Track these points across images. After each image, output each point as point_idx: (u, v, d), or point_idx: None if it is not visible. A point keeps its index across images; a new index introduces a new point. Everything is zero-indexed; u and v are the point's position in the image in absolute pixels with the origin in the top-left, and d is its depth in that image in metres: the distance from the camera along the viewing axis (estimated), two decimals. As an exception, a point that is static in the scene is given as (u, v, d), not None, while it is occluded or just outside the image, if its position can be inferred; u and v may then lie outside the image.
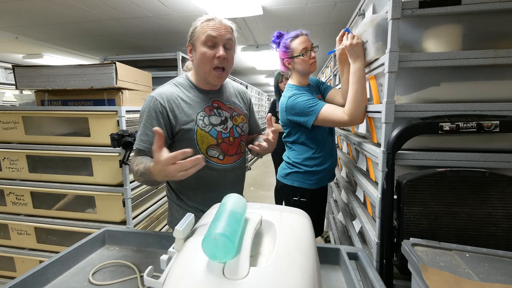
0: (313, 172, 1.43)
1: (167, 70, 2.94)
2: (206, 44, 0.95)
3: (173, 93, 1.00)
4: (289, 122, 1.42)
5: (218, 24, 0.96)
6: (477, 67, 0.94)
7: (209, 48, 0.95)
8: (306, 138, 1.42)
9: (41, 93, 1.80)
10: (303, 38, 1.36)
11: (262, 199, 4.18)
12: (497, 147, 0.97)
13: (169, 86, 1.03)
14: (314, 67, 1.39)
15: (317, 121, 1.29)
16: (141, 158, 0.93)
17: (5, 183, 1.82)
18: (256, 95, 7.52)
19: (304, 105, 1.30)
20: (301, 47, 1.35)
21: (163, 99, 0.97)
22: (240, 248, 0.47)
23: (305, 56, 1.35)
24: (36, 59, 5.06)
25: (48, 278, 0.72)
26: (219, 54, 0.94)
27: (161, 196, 2.25)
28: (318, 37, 3.92)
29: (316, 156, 1.43)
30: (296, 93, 1.36)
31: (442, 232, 0.87)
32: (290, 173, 1.47)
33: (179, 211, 1.10)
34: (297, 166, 1.45)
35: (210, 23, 0.96)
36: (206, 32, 0.94)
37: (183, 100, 1.01)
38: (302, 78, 1.45)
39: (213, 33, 0.94)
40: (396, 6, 0.91)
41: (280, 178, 1.53)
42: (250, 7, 2.60)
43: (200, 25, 0.97)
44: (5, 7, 2.77)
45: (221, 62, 0.96)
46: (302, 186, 1.44)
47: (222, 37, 0.95)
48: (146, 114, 0.96)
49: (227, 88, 1.14)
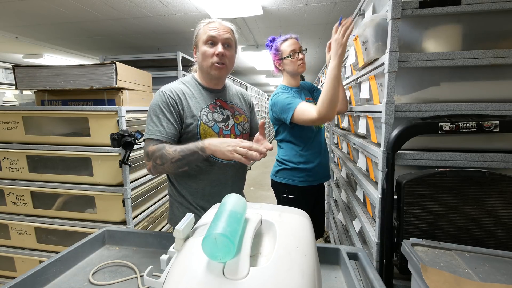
0: (300, 169, 1.48)
1: (167, 70, 2.93)
2: (207, 43, 1.04)
3: (181, 89, 1.06)
4: (275, 120, 1.49)
5: (218, 25, 1.05)
6: (477, 67, 0.94)
7: (209, 47, 1.04)
8: (292, 136, 1.49)
9: (41, 93, 1.80)
10: (292, 41, 1.47)
11: (262, 199, 4.18)
12: (497, 147, 0.97)
13: (176, 83, 1.09)
14: (302, 68, 1.48)
15: (293, 118, 1.34)
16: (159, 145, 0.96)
17: (5, 183, 1.82)
18: (256, 95, 7.53)
19: (283, 102, 1.38)
20: (289, 49, 1.45)
21: (172, 93, 1.03)
22: (240, 248, 0.46)
23: (293, 58, 1.45)
24: (36, 59, 5.06)
25: (48, 278, 0.72)
26: (217, 51, 1.02)
27: (161, 196, 2.25)
28: (318, 37, 3.92)
29: (302, 154, 1.49)
30: (280, 92, 1.44)
31: (442, 232, 0.87)
32: (279, 170, 1.54)
33: (180, 209, 1.12)
34: (284, 163, 1.52)
35: (211, 25, 1.05)
36: (207, 33, 1.03)
37: (189, 96, 1.07)
38: (292, 79, 1.54)
39: (213, 33, 1.03)
40: (396, 6, 0.91)
41: (271, 176, 1.61)
42: (250, 7, 2.60)
43: (202, 28, 1.06)
44: (5, 7, 2.77)
45: (220, 58, 1.03)
46: (289, 182, 1.50)
47: (221, 36, 1.03)
48: (159, 107, 1.01)
49: (229, 90, 1.20)
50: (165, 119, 0.99)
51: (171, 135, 0.99)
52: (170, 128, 0.99)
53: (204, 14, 2.83)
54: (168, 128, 0.99)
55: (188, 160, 0.94)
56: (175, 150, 0.94)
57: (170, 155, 0.93)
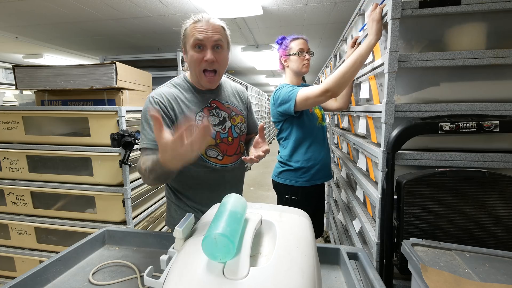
0: (303, 169, 1.48)
1: (167, 70, 2.94)
2: (194, 47, 0.94)
3: (172, 94, 1.00)
4: (279, 115, 1.49)
5: (206, 25, 0.94)
6: (477, 67, 0.94)
7: (197, 52, 0.94)
8: (297, 131, 1.49)
9: (41, 93, 1.80)
10: (302, 41, 1.51)
11: (262, 199, 4.18)
12: (497, 147, 0.97)
13: (167, 87, 1.03)
14: (306, 68, 1.51)
15: (297, 103, 1.34)
16: (146, 156, 0.90)
17: (5, 183, 1.82)
18: (256, 95, 7.53)
19: (285, 92, 1.40)
20: (298, 47, 1.49)
21: (163, 99, 0.97)
22: (240, 248, 0.47)
23: (300, 56, 1.48)
24: (36, 59, 5.06)
25: (48, 278, 0.72)
26: (206, 58, 0.93)
27: (161, 196, 2.26)
28: (318, 37, 3.92)
29: (307, 151, 1.48)
30: (282, 87, 1.45)
31: (442, 232, 0.87)
32: (282, 172, 1.53)
33: (177, 211, 1.10)
34: (288, 164, 1.51)
35: (197, 25, 0.94)
36: (194, 36, 0.93)
37: (182, 102, 1.01)
38: (294, 78, 1.55)
39: (200, 36, 0.92)
40: (396, 6, 0.91)
41: (273, 177, 1.59)
42: (250, 7, 2.60)
43: (189, 27, 0.96)
44: (5, 7, 2.77)
45: (209, 65, 0.95)
46: (293, 184, 1.49)
47: (209, 39, 0.93)
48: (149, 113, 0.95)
49: (225, 88, 1.14)
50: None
51: None
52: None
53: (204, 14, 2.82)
54: None
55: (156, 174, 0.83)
56: (146, 168, 0.85)
57: (143, 172, 0.87)
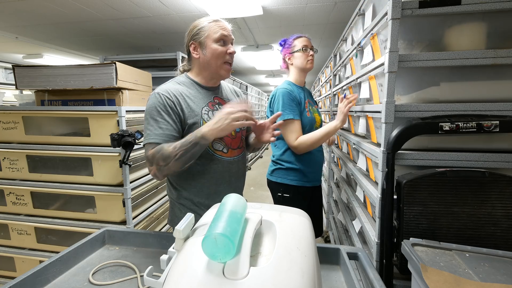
0: (293, 169, 1.50)
1: (167, 70, 2.94)
2: (219, 41, 1.05)
3: (178, 90, 1.04)
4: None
5: (226, 25, 1.08)
6: (477, 67, 0.94)
7: (221, 45, 1.05)
8: None
9: (41, 93, 1.80)
10: (305, 39, 1.55)
11: (262, 199, 4.18)
12: (497, 147, 0.97)
13: (171, 84, 1.06)
14: (310, 64, 1.53)
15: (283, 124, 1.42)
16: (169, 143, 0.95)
17: (5, 183, 1.82)
18: (256, 95, 7.52)
19: (284, 103, 1.43)
20: (302, 44, 1.52)
21: (170, 94, 1.00)
22: (240, 248, 0.46)
23: (304, 52, 1.51)
24: (36, 59, 5.05)
25: (48, 278, 0.72)
26: (230, 50, 1.06)
27: (161, 196, 2.25)
28: (318, 37, 3.92)
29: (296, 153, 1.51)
30: (289, 89, 1.46)
31: (442, 232, 0.87)
32: (275, 170, 1.57)
33: (182, 210, 1.11)
34: (279, 163, 1.55)
35: (219, 24, 1.06)
36: (219, 32, 1.04)
37: (188, 97, 1.05)
38: (299, 76, 1.57)
39: (225, 32, 1.05)
40: (396, 6, 0.91)
41: (267, 176, 1.63)
42: (250, 7, 2.60)
43: (208, 25, 1.06)
44: (5, 7, 2.77)
45: (231, 57, 1.08)
46: (284, 182, 1.52)
47: (230, 36, 1.08)
48: (156, 109, 0.97)
49: (224, 87, 1.22)
50: (163, 121, 0.96)
51: (171, 138, 0.96)
52: (169, 130, 0.96)
53: (204, 14, 2.82)
54: (168, 130, 0.96)
55: (191, 153, 0.92)
56: (175, 147, 0.91)
57: (171, 153, 0.90)
